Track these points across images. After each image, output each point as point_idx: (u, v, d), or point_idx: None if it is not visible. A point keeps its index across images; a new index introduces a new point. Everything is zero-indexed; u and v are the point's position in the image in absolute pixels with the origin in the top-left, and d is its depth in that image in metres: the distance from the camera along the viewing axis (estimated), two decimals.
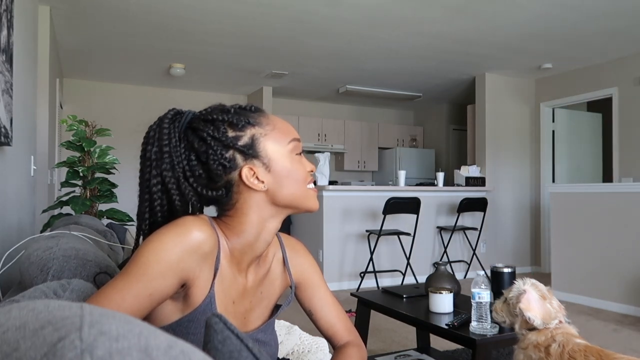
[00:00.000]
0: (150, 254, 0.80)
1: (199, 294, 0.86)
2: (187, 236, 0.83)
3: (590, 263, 4.33)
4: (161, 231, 0.83)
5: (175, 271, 0.81)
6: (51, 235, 1.18)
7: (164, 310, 0.88)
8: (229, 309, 0.92)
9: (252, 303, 0.98)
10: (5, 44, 1.83)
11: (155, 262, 0.79)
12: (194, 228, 0.84)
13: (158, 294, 0.80)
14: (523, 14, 4.18)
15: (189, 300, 0.86)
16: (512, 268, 2.19)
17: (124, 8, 4.04)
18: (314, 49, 5.18)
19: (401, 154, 8.12)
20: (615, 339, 3.40)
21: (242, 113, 0.93)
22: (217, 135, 0.89)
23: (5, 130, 1.79)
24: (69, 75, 6.22)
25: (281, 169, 0.92)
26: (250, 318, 0.98)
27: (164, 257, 0.80)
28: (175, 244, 0.81)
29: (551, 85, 6.25)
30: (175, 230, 0.83)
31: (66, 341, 0.30)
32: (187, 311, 0.86)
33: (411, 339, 3.27)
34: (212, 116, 0.91)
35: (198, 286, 0.86)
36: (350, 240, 5.24)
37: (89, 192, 3.05)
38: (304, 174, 0.96)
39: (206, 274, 0.87)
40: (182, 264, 0.81)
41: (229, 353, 0.61)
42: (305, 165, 0.97)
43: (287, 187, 0.93)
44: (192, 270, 0.84)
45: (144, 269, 0.79)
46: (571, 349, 1.29)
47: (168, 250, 0.80)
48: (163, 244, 0.81)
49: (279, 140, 0.93)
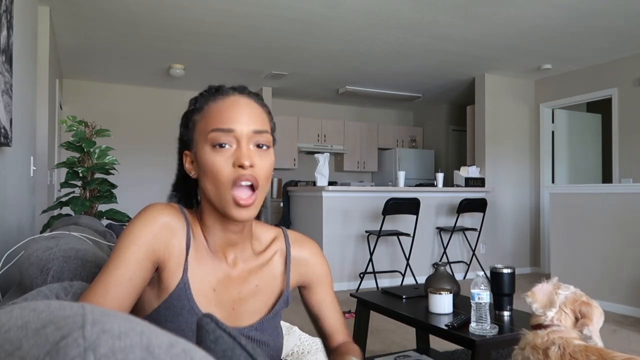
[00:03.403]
0: (123, 241, 0.85)
1: (172, 278, 0.88)
2: (153, 218, 0.87)
3: (590, 264, 4.33)
4: (132, 219, 0.88)
5: (147, 252, 0.85)
6: (51, 235, 1.18)
7: (144, 300, 0.90)
8: (209, 296, 0.91)
9: (241, 294, 0.95)
10: (5, 45, 1.83)
11: (127, 247, 0.84)
12: (160, 211, 0.88)
13: (137, 278, 0.84)
14: (523, 14, 4.19)
15: (163, 285, 0.88)
16: (511, 269, 2.19)
17: (124, 8, 4.04)
18: (313, 49, 5.18)
19: (401, 154, 8.12)
20: (615, 339, 3.40)
21: (206, 96, 0.92)
22: (183, 116, 0.94)
23: (4, 130, 1.79)
24: (68, 75, 6.22)
25: (199, 159, 0.89)
26: (242, 311, 0.95)
27: (134, 241, 0.84)
28: (142, 227, 0.86)
29: (551, 86, 6.26)
30: (143, 215, 0.87)
31: (69, 339, 0.31)
32: (162, 297, 0.88)
33: (410, 339, 3.26)
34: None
35: (169, 270, 0.88)
36: (350, 241, 5.24)
37: (88, 192, 3.05)
38: (219, 170, 0.85)
39: (176, 258, 0.89)
40: (151, 245, 0.86)
41: (222, 352, 0.61)
42: (232, 159, 0.86)
43: (204, 181, 0.88)
44: (161, 251, 0.87)
45: (119, 256, 0.84)
46: (572, 350, 1.30)
47: (137, 234, 0.85)
48: (132, 230, 0.85)
49: (203, 128, 0.88)
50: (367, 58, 5.48)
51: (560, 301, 1.42)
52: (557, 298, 1.43)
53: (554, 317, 1.40)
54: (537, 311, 1.43)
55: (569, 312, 1.42)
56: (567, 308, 1.42)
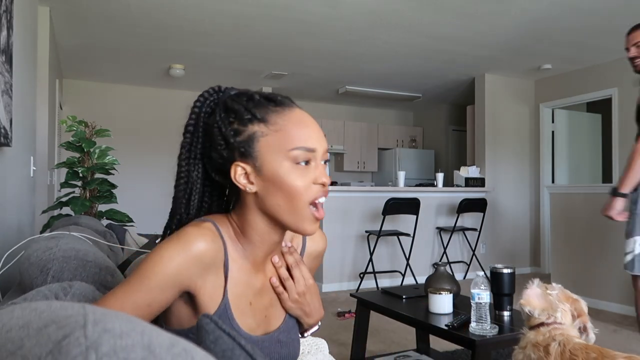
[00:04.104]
0: (149, 266, 0.81)
1: (209, 302, 0.86)
2: (187, 248, 0.82)
3: (590, 263, 4.33)
4: (163, 243, 0.83)
5: (174, 283, 0.82)
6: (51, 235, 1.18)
7: (181, 314, 0.89)
8: (246, 311, 0.91)
9: (272, 299, 0.96)
10: (5, 45, 1.83)
11: (153, 274, 0.80)
12: (195, 239, 0.83)
13: (157, 304, 0.82)
14: (522, 14, 4.19)
15: (200, 308, 0.87)
16: (511, 269, 2.19)
17: (123, 9, 4.04)
18: (313, 49, 5.18)
19: (401, 154, 8.12)
20: (615, 339, 3.40)
21: (258, 104, 0.87)
22: (221, 125, 0.87)
23: (4, 130, 1.79)
24: (68, 75, 6.22)
25: (272, 176, 0.85)
26: (271, 316, 0.96)
27: (163, 270, 0.80)
28: (174, 256, 0.81)
29: (551, 86, 6.26)
30: (176, 243, 0.82)
31: (71, 338, 0.31)
32: None
33: (411, 339, 3.26)
34: (228, 103, 0.88)
35: (205, 294, 0.86)
36: (350, 241, 5.24)
37: (88, 192, 3.06)
38: (301, 188, 0.85)
39: (213, 282, 0.87)
40: (180, 277, 0.82)
41: (221, 352, 0.61)
42: (313, 177, 0.86)
43: (275, 196, 0.86)
44: (192, 281, 0.84)
45: (143, 280, 0.81)
46: (572, 347, 1.30)
47: (167, 263, 0.81)
48: (163, 257, 0.81)
49: (279, 144, 0.85)
50: (367, 58, 5.48)
51: (556, 300, 1.43)
52: (553, 298, 1.43)
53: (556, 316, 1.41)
54: (541, 316, 1.42)
55: (567, 308, 1.43)
56: (565, 305, 1.43)
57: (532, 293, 1.46)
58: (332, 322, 3.82)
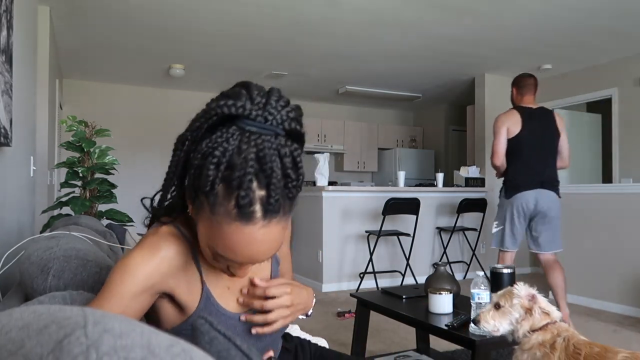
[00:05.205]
0: (117, 275, 0.82)
1: (190, 296, 0.89)
2: (154, 256, 0.83)
3: (590, 264, 4.34)
4: (130, 252, 0.84)
5: (145, 288, 0.83)
6: (51, 235, 1.18)
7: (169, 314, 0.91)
8: (226, 295, 0.93)
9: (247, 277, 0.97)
10: (5, 45, 1.83)
11: (121, 283, 0.81)
12: (161, 246, 0.84)
13: (131, 310, 0.83)
14: (522, 14, 4.19)
15: (182, 304, 0.89)
16: (511, 269, 2.19)
17: (123, 9, 4.05)
18: (313, 49, 5.18)
19: (401, 154, 8.12)
20: (616, 340, 3.40)
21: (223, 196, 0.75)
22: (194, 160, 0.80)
23: (4, 130, 1.79)
24: (68, 75, 6.22)
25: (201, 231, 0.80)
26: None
27: (132, 279, 0.81)
28: (142, 265, 0.82)
29: (551, 86, 6.26)
30: (142, 252, 0.83)
31: (72, 337, 0.31)
32: (188, 313, 0.89)
33: (411, 339, 3.26)
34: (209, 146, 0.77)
35: (183, 292, 0.88)
36: (350, 241, 5.24)
37: (88, 192, 3.05)
38: (217, 265, 0.84)
39: (188, 278, 0.88)
40: (150, 281, 0.83)
41: (217, 353, 0.61)
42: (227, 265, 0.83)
43: (200, 237, 0.82)
44: (164, 283, 0.85)
45: (114, 289, 0.81)
46: (576, 342, 1.37)
47: (135, 272, 0.82)
48: (130, 266, 0.82)
49: (210, 233, 0.78)
50: (367, 58, 5.48)
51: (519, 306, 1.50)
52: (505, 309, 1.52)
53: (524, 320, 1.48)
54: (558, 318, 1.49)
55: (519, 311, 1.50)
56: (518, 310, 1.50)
57: (485, 313, 1.54)
58: (332, 322, 3.82)
